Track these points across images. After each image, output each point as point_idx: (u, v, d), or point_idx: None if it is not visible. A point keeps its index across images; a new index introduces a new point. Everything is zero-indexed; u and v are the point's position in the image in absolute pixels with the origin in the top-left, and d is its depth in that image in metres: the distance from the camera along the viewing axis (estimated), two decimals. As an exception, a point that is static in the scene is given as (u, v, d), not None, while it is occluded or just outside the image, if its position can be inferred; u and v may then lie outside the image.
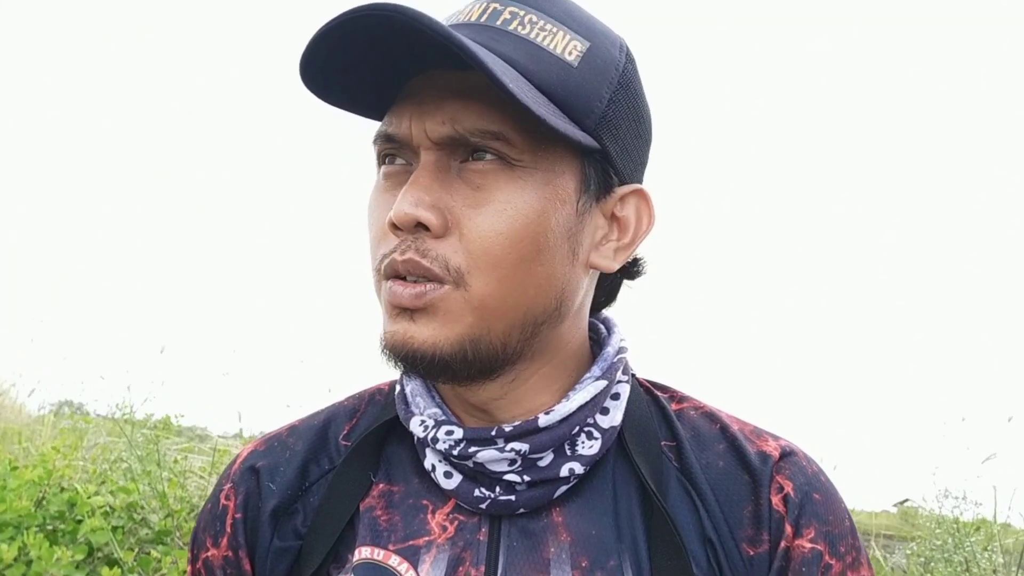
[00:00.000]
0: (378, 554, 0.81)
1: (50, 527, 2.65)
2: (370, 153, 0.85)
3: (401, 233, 0.75)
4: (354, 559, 0.81)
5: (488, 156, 0.75)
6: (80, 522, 2.56)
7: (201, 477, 3.80)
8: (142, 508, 2.88)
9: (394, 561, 0.80)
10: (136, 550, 2.53)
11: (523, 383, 0.82)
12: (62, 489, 2.84)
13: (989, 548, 3.16)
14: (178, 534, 2.74)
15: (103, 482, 3.13)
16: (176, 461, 3.82)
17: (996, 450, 3.53)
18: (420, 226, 0.74)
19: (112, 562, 2.46)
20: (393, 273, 0.76)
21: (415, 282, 0.75)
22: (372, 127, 0.84)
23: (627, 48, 0.83)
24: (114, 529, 2.62)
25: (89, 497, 2.63)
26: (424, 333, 0.75)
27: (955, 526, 3.30)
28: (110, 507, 2.76)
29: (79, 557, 2.27)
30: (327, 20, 0.72)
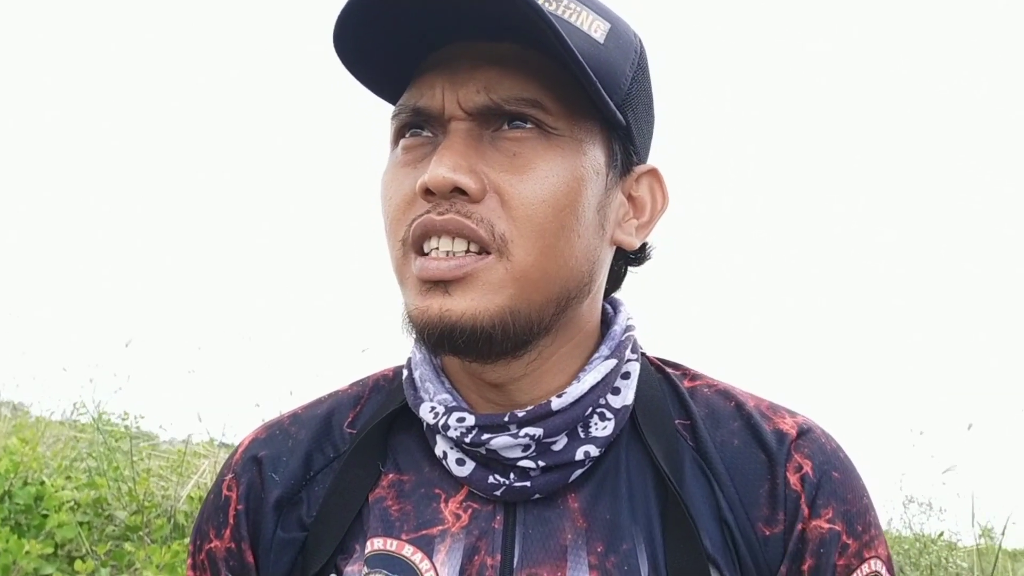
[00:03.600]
0: (391, 544, 0.79)
1: (13, 521, 2.58)
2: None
3: (434, 198, 0.73)
4: (366, 551, 0.80)
5: (527, 124, 0.74)
6: (47, 516, 2.50)
7: (162, 477, 3.74)
8: (108, 504, 2.82)
9: (408, 551, 0.79)
10: (108, 544, 2.47)
11: (545, 361, 0.81)
12: (25, 483, 2.77)
13: (951, 558, 3.22)
14: (147, 530, 2.69)
15: (68, 477, 3.06)
16: (134, 462, 3.75)
17: (957, 461, 3.60)
18: (457, 191, 0.72)
19: (77, 557, 2.40)
20: (425, 233, 0.73)
21: (453, 255, 0.73)
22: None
23: (638, 33, 0.84)
24: (80, 524, 2.56)
25: (56, 491, 2.57)
26: (461, 305, 0.72)
27: (918, 541, 3.35)
28: (76, 502, 2.70)
29: (47, 551, 2.21)
30: None
